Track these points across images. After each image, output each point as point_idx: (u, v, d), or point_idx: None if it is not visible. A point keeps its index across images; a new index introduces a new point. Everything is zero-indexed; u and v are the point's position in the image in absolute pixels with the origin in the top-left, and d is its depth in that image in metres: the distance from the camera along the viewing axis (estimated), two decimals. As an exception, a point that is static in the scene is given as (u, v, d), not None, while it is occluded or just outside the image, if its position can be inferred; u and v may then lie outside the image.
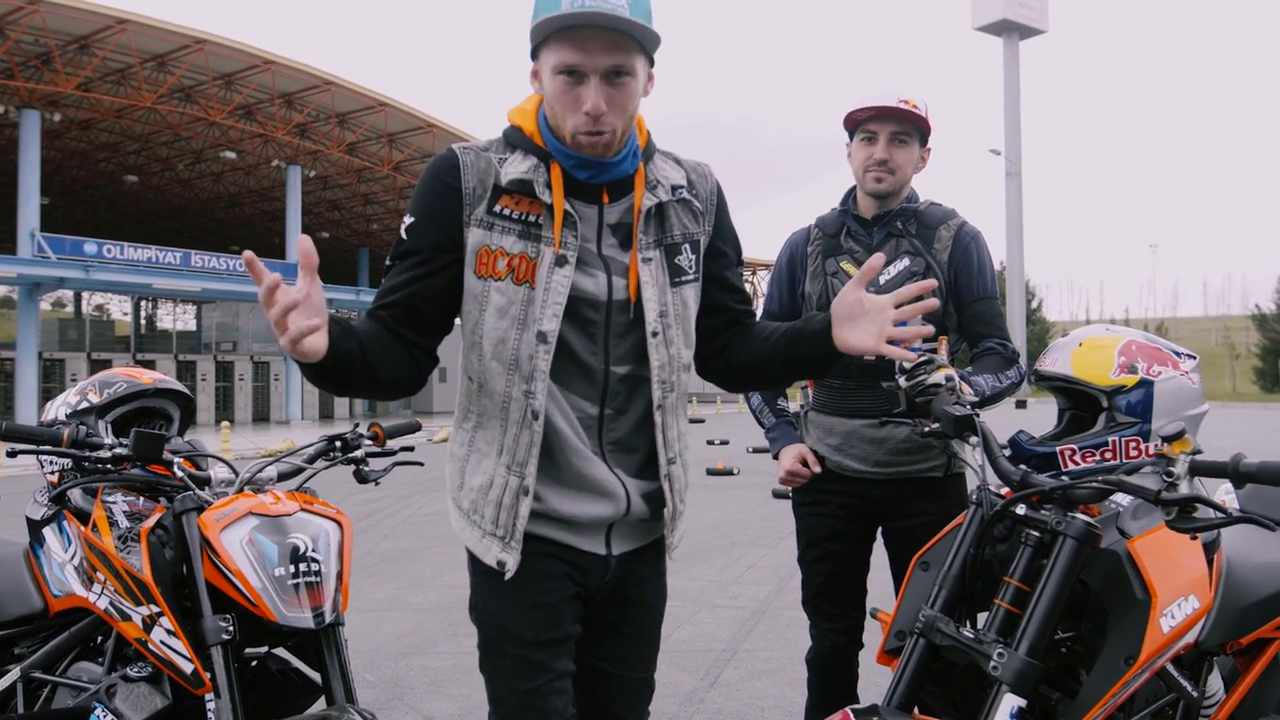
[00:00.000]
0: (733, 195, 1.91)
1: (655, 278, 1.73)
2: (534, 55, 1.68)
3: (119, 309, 52.06)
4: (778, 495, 10.55)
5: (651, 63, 1.68)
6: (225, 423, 20.48)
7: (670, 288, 1.76)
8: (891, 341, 1.70)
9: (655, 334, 1.72)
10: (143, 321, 44.72)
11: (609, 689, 1.86)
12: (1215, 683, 2.07)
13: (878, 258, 1.71)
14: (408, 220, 1.71)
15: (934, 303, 1.71)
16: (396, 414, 29.14)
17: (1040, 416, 20.10)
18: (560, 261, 1.66)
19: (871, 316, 1.69)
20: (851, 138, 2.64)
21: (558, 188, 1.67)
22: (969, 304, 2.57)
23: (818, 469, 2.62)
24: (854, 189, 2.70)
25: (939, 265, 2.55)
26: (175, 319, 47.68)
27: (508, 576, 1.71)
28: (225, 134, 29.31)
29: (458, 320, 1.78)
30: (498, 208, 1.67)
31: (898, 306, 1.70)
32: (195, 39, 24.47)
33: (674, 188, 1.77)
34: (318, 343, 1.46)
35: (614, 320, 1.72)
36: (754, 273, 45.51)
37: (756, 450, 17.06)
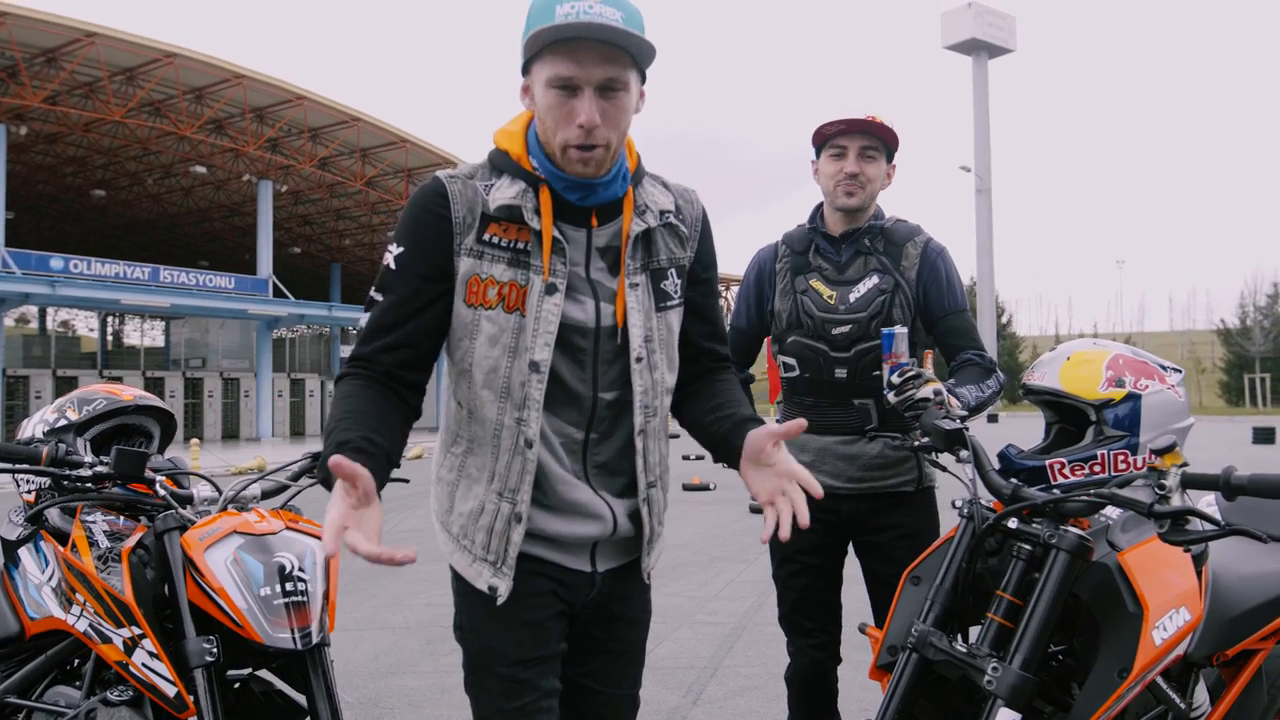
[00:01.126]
0: None
1: (641, 303, 1.72)
2: (525, 70, 1.66)
3: (85, 325, 51.35)
4: (754, 510, 10.57)
5: (644, 78, 1.68)
6: (195, 440, 20.18)
7: (655, 313, 1.75)
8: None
9: (639, 359, 1.71)
10: (109, 338, 44.11)
11: (595, 706, 1.85)
12: (1201, 694, 2.09)
13: (798, 424, 1.58)
14: (396, 250, 1.67)
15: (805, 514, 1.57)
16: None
17: (1012, 431, 20.26)
18: (550, 290, 1.65)
19: (773, 473, 1.61)
20: (819, 154, 2.64)
21: (546, 213, 1.65)
22: (941, 319, 2.58)
23: None
24: (821, 206, 2.70)
25: (907, 283, 2.57)
26: (143, 335, 47.11)
27: (500, 602, 1.69)
28: (195, 148, 29.05)
29: None
30: (486, 236, 1.65)
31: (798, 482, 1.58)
32: (165, 52, 24.26)
33: (662, 213, 1.76)
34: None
35: (602, 347, 1.71)
36: (727, 288, 45.69)
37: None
